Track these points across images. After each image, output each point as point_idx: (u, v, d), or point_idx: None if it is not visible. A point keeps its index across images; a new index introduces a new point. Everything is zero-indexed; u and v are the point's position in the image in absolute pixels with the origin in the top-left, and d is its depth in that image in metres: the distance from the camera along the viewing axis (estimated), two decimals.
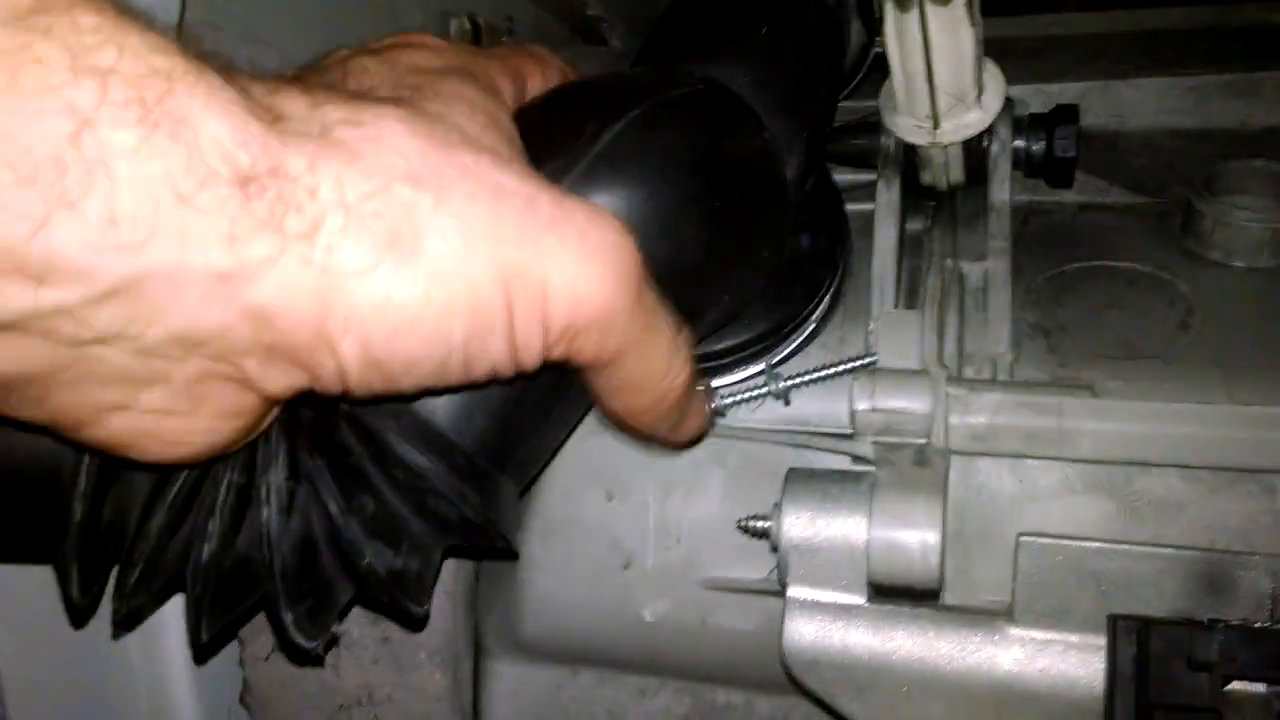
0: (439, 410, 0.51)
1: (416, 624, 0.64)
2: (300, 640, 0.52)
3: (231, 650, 0.78)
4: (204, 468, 0.49)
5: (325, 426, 0.50)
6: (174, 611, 0.66)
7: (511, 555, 0.58)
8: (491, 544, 0.54)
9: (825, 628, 0.62)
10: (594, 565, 0.73)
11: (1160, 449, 0.62)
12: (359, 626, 0.74)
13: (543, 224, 0.42)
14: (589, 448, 0.73)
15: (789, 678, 0.64)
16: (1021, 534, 0.60)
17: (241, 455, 0.49)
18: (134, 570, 0.51)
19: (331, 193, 0.37)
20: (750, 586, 0.70)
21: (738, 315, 0.66)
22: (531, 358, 0.44)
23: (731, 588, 0.70)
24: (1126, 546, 0.58)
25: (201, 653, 0.57)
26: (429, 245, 0.39)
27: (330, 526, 0.50)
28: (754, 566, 0.70)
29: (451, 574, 0.72)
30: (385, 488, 0.51)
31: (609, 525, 0.72)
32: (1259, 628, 0.55)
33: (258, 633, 0.71)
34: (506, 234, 0.41)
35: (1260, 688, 0.55)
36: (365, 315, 0.38)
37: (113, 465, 0.49)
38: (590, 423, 0.72)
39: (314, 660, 0.66)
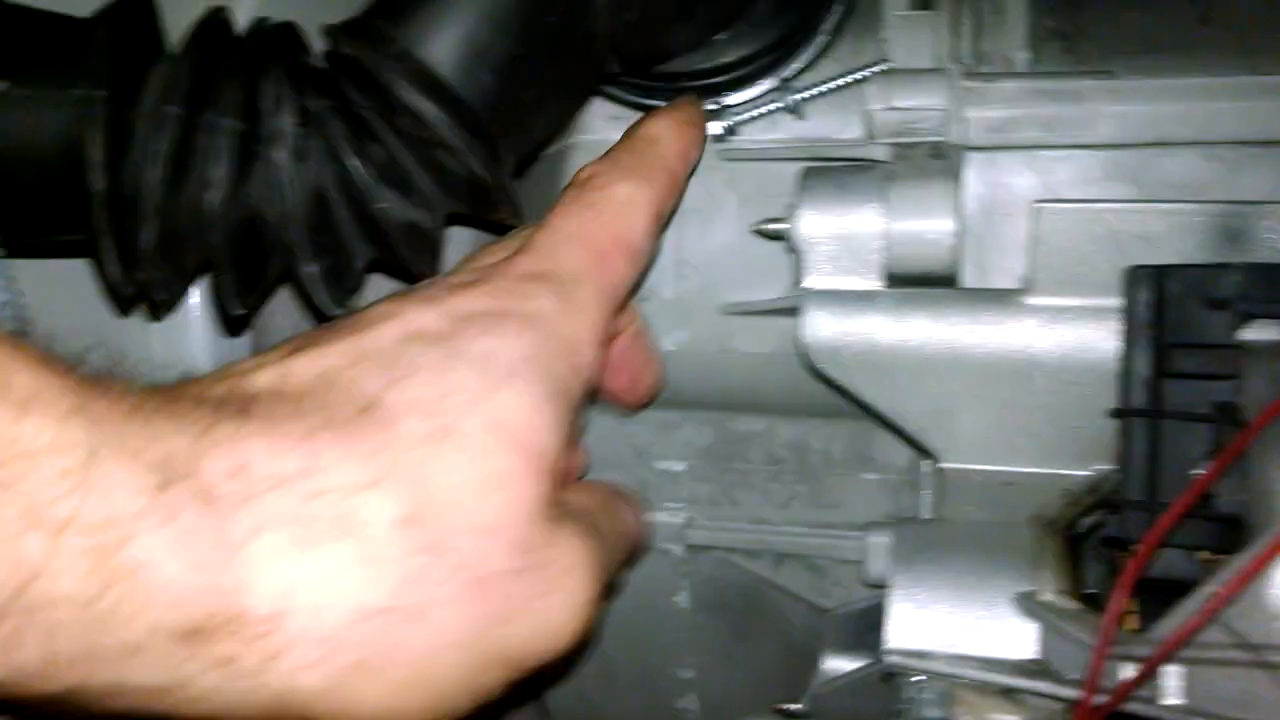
0: (445, 61, 0.51)
1: None
2: (325, 299, 0.52)
3: None
4: (189, 116, 0.49)
5: (330, 73, 0.50)
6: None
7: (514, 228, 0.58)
8: (497, 208, 0.54)
9: (843, 315, 0.62)
10: None
11: (1182, 126, 0.61)
12: None
13: (519, 603, 0.42)
14: None
15: (807, 367, 0.64)
16: (1038, 200, 0.59)
17: (230, 99, 0.50)
18: (145, 228, 0.51)
19: (299, 625, 0.37)
20: (767, 307, 0.70)
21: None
22: (498, 695, 0.44)
23: (749, 311, 0.71)
24: (1145, 204, 0.57)
25: (232, 324, 0.58)
26: (404, 660, 0.39)
27: (343, 172, 0.51)
28: (770, 288, 0.70)
29: None
30: (392, 137, 0.51)
31: None
32: (1274, 264, 0.54)
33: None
34: (484, 628, 0.41)
35: (1277, 334, 0.55)
36: (323, 714, 0.39)
37: (121, 132, 0.50)
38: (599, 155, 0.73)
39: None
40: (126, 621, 0.34)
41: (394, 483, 0.39)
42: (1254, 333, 0.55)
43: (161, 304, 0.57)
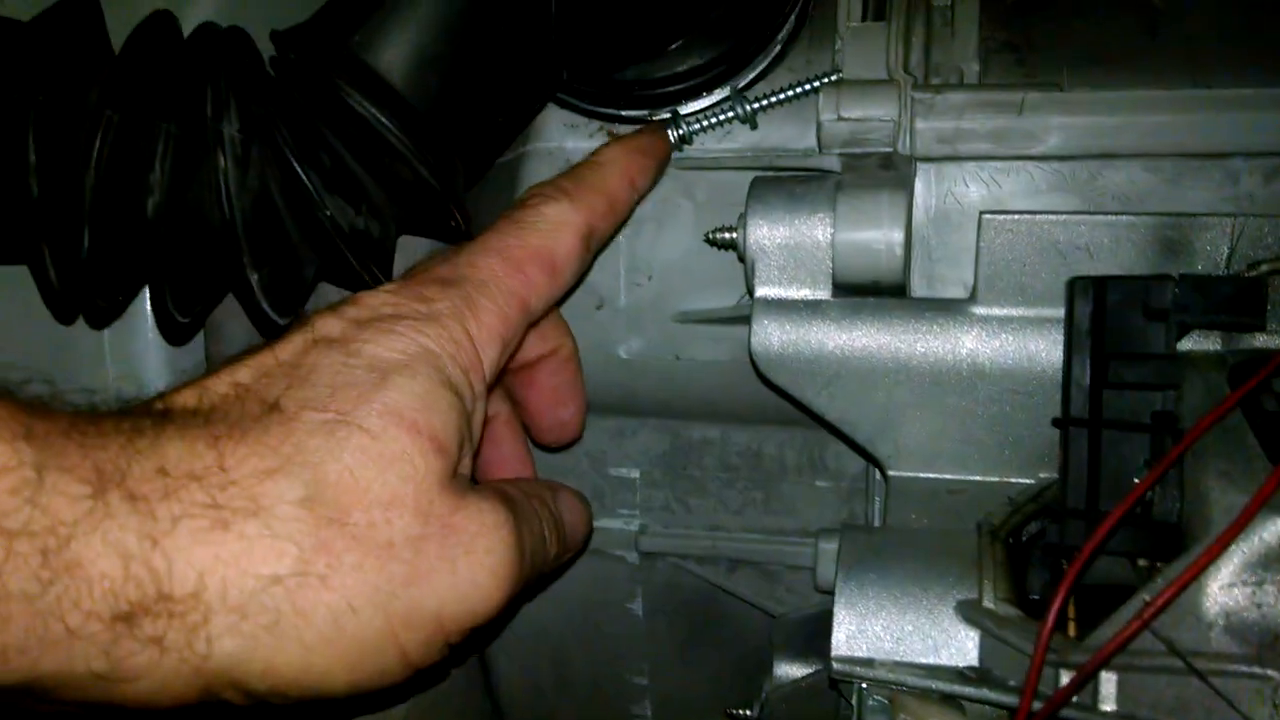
0: (394, 67, 0.51)
1: None
2: (267, 308, 0.52)
3: None
4: (129, 119, 0.49)
5: (276, 79, 0.50)
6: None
7: (465, 236, 0.58)
8: (448, 215, 0.54)
9: (792, 324, 0.63)
10: (567, 308, 0.73)
11: (1126, 138, 0.61)
12: None
13: (431, 563, 0.46)
14: None
15: (758, 375, 0.64)
16: (984, 212, 0.60)
17: (173, 103, 0.49)
18: (83, 234, 0.50)
19: (217, 597, 0.42)
20: (721, 316, 0.70)
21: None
22: (436, 658, 0.48)
23: (703, 319, 0.71)
24: (1088, 216, 0.58)
25: (175, 332, 0.57)
26: (312, 620, 0.43)
27: (288, 179, 0.50)
28: (724, 296, 0.71)
29: None
30: (339, 145, 0.51)
31: None
32: (1213, 276, 0.55)
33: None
34: (393, 589, 0.45)
35: (1216, 345, 0.56)
36: (245, 680, 0.43)
37: (54, 129, 0.49)
38: (556, 164, 0.73)
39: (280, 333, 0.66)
40: (68, 611, 0.39)
41: (294, 468, 0.44)
42: (1192, 343, 0.56)
43: (102, 312, 0.56)
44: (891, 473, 0.63)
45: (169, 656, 0.41)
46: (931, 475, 0.62)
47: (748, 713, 0.74)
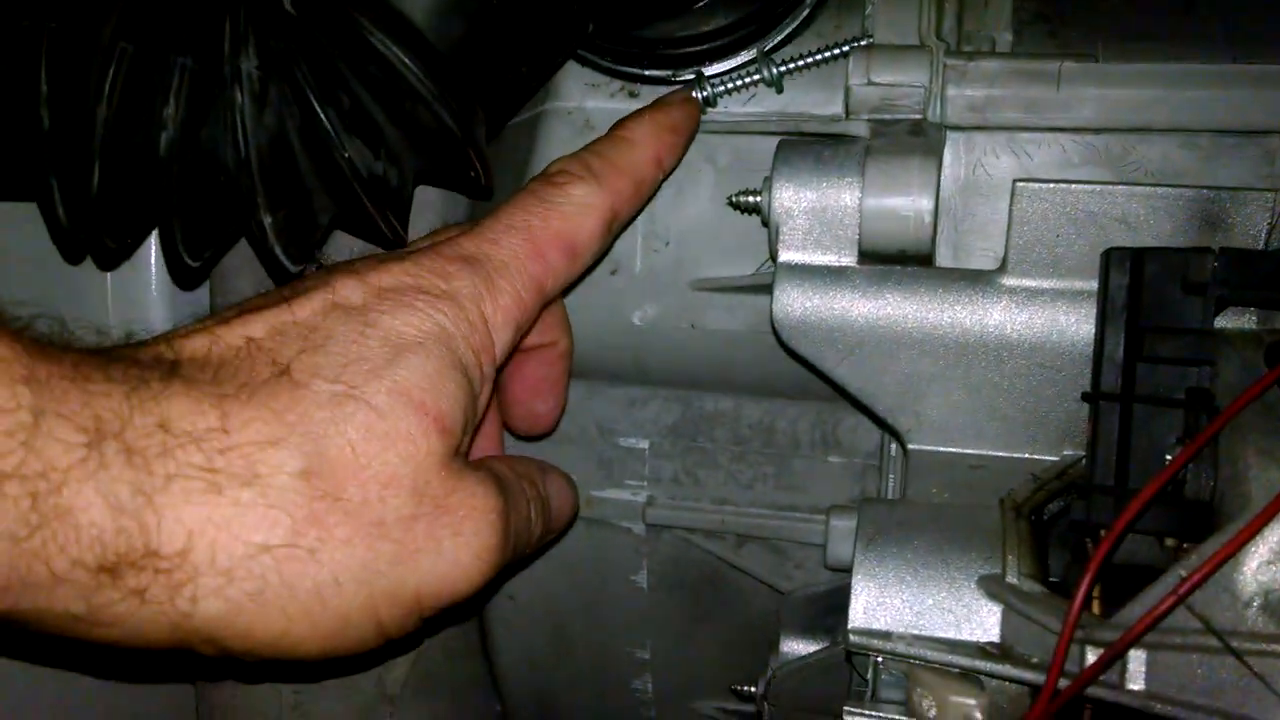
0: (418, 8, 0.50)
1: (397, 247, 0.63)
2: (280, 253, 0.50)
3: None
4: (144, 52, 0.48)
5: (296, 16, 0.48)
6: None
7: (486, 193, 0.56)
8: (467, 166, 0.52)
9: (816, 290, 0.61)
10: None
11: (1162, 112, 0.60)
12: None
13: (419, 543, 0.47)
14: (575, 149, 0.71)
15: (778, 342, 0.63)
16: (1018, 179, 0.58)
17: (189, 38, 0.48)
18: (93, 170, 0.49)
19: (205, 559, 0.42)
20: (739, 284, 0.69)
21: None
22: (410, 630, 0.49)
23: (720, 287, 0.69)
24: (1125, 186, 0.57)
25: (184, 275, 0.55)
26: (296, 591, 0.44)
27: (306, 119, 0.49)
28: (743, 265, 0.69)
29: None
30: (360, 86, 0.49)
31: None
32: (1254, 250, 0.54)
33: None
34: (379, 567, 0.45)
35: (1252, 322, 0.55)
36: (222, 640, 0.44)
37: (67, 60, 0.47)
38: (576, 124, 0.71)
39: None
40: (54, 556, 0.39)
41: (297, 440, 0.44)
42: (1226, 321, 0.54)
43: (111, 253, 0.55)
44: (911, 446, 0.61)
45: (148, 608, 0.42)
46: (953, 449, 0.60)
47: (752, 689, 0.73)
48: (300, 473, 0.43)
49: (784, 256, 0.62)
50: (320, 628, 0.45)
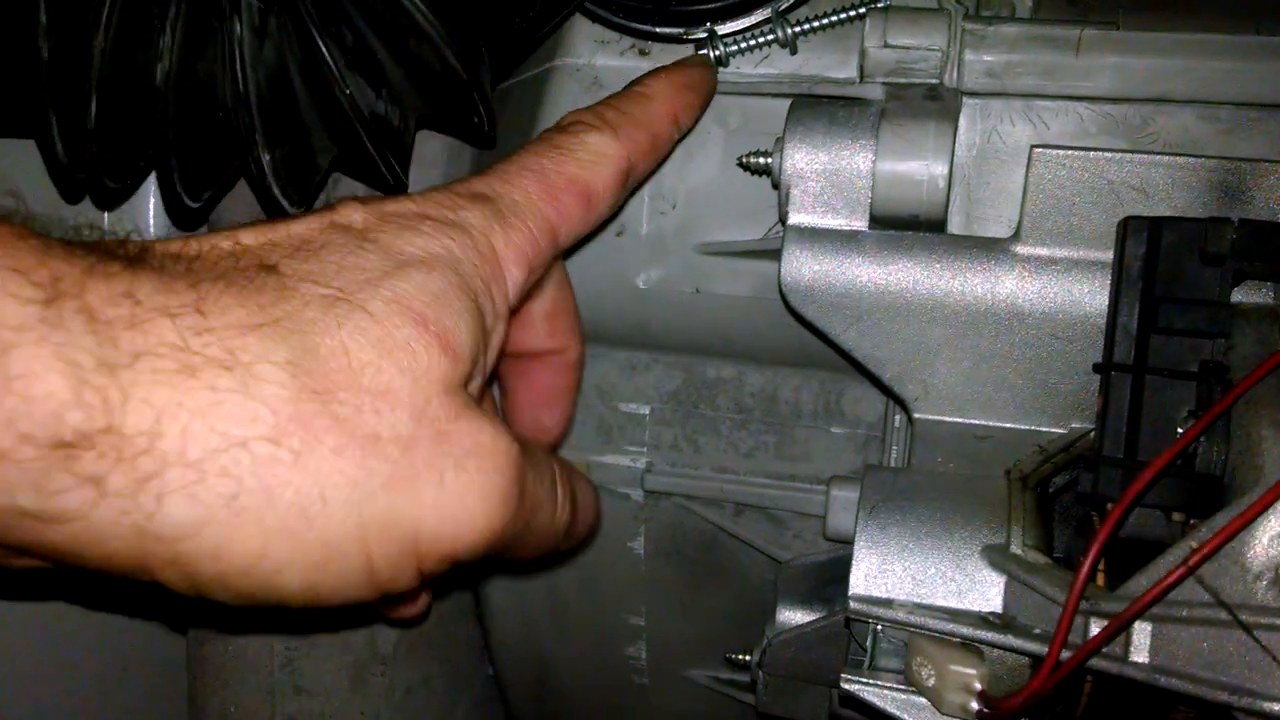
0: None
1: (398, 192, 0.61)
2: (278, 192, 0.49)
3: None
4: None
5: None
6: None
7: (489, 141, 0.55)
8: (470, 111, 0.51)
9: (825, 254, 0.60)
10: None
11: (1183, 82, 0.59)
12: None
13: (417, 470, 0.41)
14: (583, 106, 0.70)
15: (786, 306, 0.62)
16: (1035, 145, 0.57)
17: None
18: (90, 103, 0.47)
19: (174, 447, 0.36)
20: (746, 248, 0.68)
21: None
22: (405, 584, 0.43)
23: (727, 251, 0.68)
24: (1144, 155, 0.56)
25: (184, 216, 0.54)
26: (277, 502, 0.38)
27: (307, 54, 0.47)
28: (750, 229, 0.68)
29: None
30: (363, 22, 0.48)
31: None
32: (1275, 223, 0.53)
33: None
34: (372, 488, 0.40)
35: (1269, 297, 0.54)
36: (192, 558, 0.38)
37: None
38: (584, 81, 0.70)
39: None
40: (5, 428, 0.34)
41: (284, 330, 0.39)
42: (1246, 293, 0.54)
43: (111, 193, 0.53)
44: (917, 415, 0.60)
45: (108, 506, 0.36)
46: (959, 420, 0.60)
47: (747, 658, 0.72)
48: (286, 363, 0.38)
49: (794, 219, 0.61)
50: (303, 552, 0.39)
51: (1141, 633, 0.46)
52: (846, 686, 0.52)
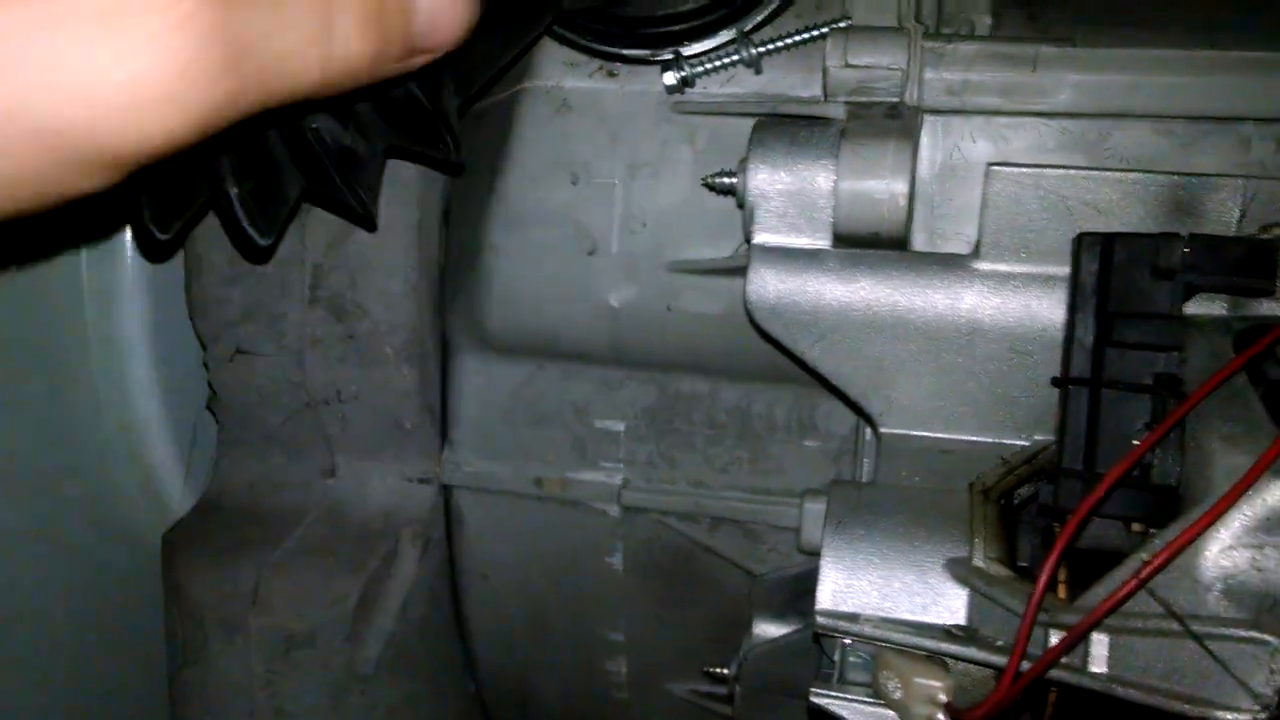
0: None
1: (367, 223, 0.61)
2: (247, 225, 0.50)
3: (197, 355, 0.77)
4: None
5: None
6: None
7: (457, 169, 0.56)
8: (437, 137, 0.52)
9: (790, 272, 0.61)
10: (559, 252, 0.71)
11: (1138, 97, 0.60)
12: (323, 325, 0.73)
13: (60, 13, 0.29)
14: (552, 130, 0.71)
15: (752, 324, 0.63)
16: (991, 163, 0.58)
17: None
18: None
19: None
20: (716, 266, 0.69)
21: None
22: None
23: (697, 269, 0.69)
24: (1098, 172, 0.57)
25: (153, 249, 0.54)
26: None
27: None
28: (720, 247, 0.69)
29: (415, 268, 0.71)
30: None
31: (574, 211, 0.71)
32: (1223, 236, 0.54)
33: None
34: None
35: (1222, 309, 0.55)
36: None
37: None
38: (554, 103, 0.71)
39: (263, 257, 0.64)
40: None
41: None
42: (1197, 308, 0.54)
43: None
44: (883, 430, 0.61)
45: None
46: (924, 433, 0.60)
47: (725, 671, 0.73)
48: None
49: (758, 238, 0.62)
50: None
51: (1099, 644, 0.47)
52: (815, 700, 0.53)
